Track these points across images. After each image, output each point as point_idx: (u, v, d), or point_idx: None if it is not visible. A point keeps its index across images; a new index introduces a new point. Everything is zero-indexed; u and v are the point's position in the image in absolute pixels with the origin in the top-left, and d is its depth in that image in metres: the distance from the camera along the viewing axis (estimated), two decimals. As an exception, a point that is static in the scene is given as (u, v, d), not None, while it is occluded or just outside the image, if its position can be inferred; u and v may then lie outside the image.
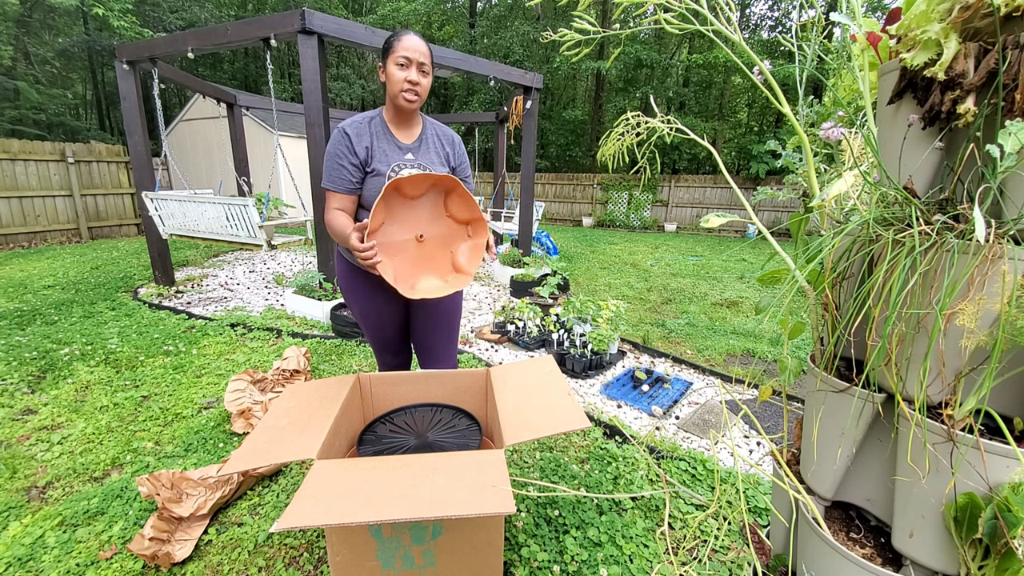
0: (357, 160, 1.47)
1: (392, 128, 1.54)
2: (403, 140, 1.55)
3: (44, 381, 2.68)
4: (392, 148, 1.52)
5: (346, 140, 1.46)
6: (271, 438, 1.23)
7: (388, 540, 1.15)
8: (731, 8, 0.82)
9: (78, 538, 1.56)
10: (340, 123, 1.49)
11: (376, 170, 1.48)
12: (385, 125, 1.53)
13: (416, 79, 1.45)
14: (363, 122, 1.50)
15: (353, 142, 1.46)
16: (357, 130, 1.48)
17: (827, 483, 0.80)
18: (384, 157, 1.49)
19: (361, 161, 1.47)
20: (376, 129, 1.51)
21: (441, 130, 1.64)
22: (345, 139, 1.46)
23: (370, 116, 1.53)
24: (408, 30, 1.48)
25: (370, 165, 1.48)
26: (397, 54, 1.43)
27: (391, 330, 1.75)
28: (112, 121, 19.30)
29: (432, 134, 1.61)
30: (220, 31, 3.72)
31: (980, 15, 0.59)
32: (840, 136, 0.79)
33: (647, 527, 1.65)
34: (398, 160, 1.51)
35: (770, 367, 3.25)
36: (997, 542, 0.57)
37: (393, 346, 1.79)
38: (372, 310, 1.67)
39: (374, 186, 1.49)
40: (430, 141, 1.59)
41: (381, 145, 1.50)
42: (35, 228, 7.27)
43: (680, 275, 6.19)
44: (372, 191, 1.49)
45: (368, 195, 1.50)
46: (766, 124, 16.42)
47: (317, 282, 3.97)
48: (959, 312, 0.59)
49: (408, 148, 1.54)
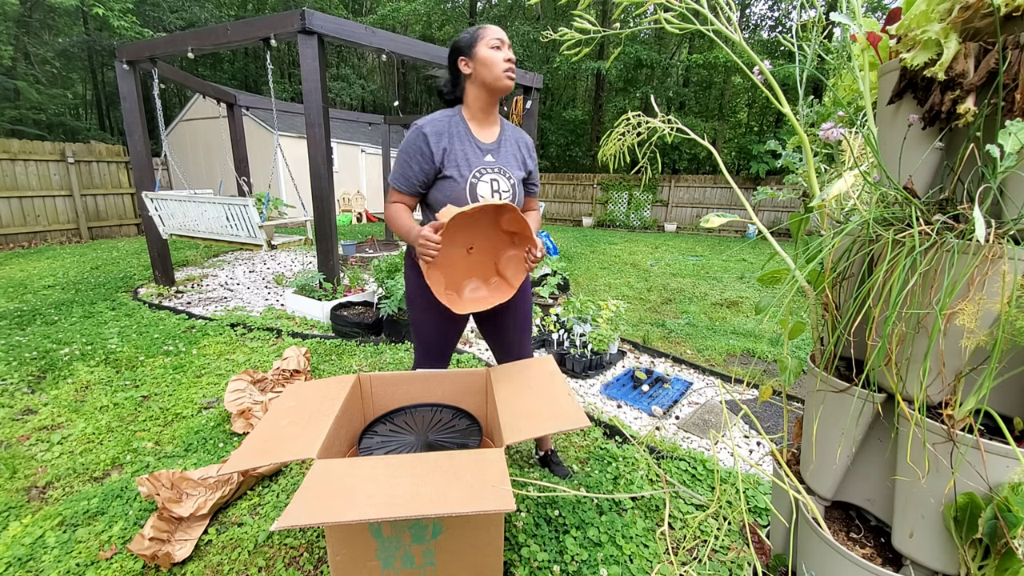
0: (430, 163, 1.41)
1: (473, 127, 1.48)
2: (483, 140, 1.48)
3: (44, 381, 2.68)
4: (472, 149, 1.45)
5: (422, 140, 1.40)
6: (271, 438, 1.23)
7: (388, 539, 1.15)
8: (731, 8, 0.82)
9: (78, 538, 1.56)
10: (417, 121, 1.43)
11: (451, 176, 1.42)
12: (465, 124, 1.47)
13: (512, 57, 1.40)
14: (443, 120, 1.44)
15: (430, 142, 1.40)
16: (436, 129, 1.41)
17: (827, 483, 0.80)
18: (464, 160, 1.43)
19: (434, 164, 1.41)
20: (456, 129, 1.44)
21: (518, 133, 1.59)
22: (422, 139, 1.40)
23: (449, 115, 1.46)
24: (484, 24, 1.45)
25: (445, 169, 1.42)
26: (488, 38, 1.38)
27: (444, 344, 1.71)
28: (112, 121, 19.30)
29: (510, 136, 1.55)
30: (220, 31, 3.72)
31: (980, 15, 0.59)
32: (840, 136, 0.79)
33: (647, 527, 1.65)
34: (478, 164, 1.44)
35: (770, 367, 3.25)
36: (997, 542, 0.57)
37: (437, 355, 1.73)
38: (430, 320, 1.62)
39: (444, 190, 1.43)
40: (509, 143, 1.54)
41: (461, 147, 1.43)
42: (35, 228, 7.27)
43: (680, 275, 6.19)
44: (442, 194, 1.43)
45: (437, 198, 1.44)
46: (766, 124, 16.42)
47: (317, 282, 3.97)
48: (959, 312, 0.59)
49: (488, 149, 1.48)
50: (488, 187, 1.45)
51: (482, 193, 1.43)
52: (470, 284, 1.53)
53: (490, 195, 1.45)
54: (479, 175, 1.44)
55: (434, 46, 4.06)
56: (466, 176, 1.42)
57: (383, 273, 3.63)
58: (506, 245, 1.51)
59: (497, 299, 1.48)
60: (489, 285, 1.54)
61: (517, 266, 1.50)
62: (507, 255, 1.51)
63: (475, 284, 1.53)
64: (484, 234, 1.46)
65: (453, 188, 1.42)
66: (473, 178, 1.43)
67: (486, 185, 1.44)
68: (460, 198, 1.42)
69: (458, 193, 1.42)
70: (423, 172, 1.42)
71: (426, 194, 1.48)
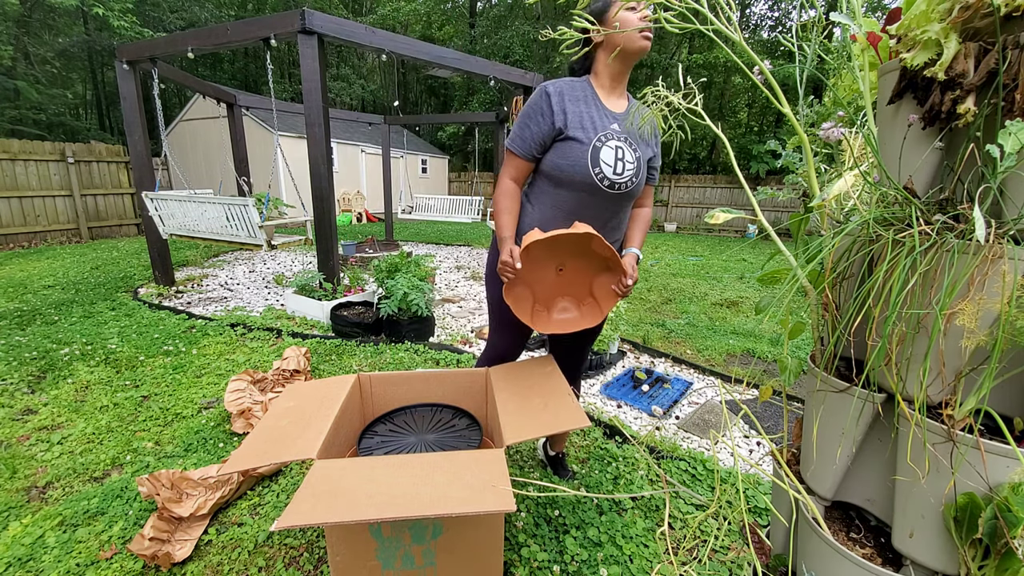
0: (550, 124, 1.32)
1: (601, 94, 1.39)
2: (611, 108, 1.38)
3: (44, 381, 2.68)
4: (599, 113, 1.36)
5: (545, 100, 1.32)
6: (271, 438, 1.23)
7: (388, 540, 1.15)
8: (731, 8, 0.82)
9: (78, 538, 1.56)
10: (543, 83, 1.35)
11: (575, 137, 1.32)
12: (592, 89, 1.38)
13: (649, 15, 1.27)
14: (567, 83, 1.36)
15: (553, 101, 1.32)
16: (560, 88, 1.33)
17: (827, 483, 0.80)
18: (590, 123, 1.33)
19: (554, 126, 1.33)
20: (582, 92, 1.36)
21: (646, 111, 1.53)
22: (545, 99, 1.32)
23: (576, 80, 1.39)
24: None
25: (568, 129, 1.32)
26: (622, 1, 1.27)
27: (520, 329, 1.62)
28: (112, 121, 19.29)
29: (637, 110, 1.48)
30: (220, 31, 3.72)
31: (980, 15, 0.59)
32: (840, 136, 0.79)
33: (647, 527, 1.65)
34: (604, 129, 1.34)
35: (770, 367, 3.25)
36: (997, 542, 0.57)
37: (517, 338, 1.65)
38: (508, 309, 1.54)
39: (564, 153, 1.33)
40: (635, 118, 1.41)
41: (587, 109, 1.35)
42: (35, 228, 7.26)
43: (680, 275, 6.19)
44: (560, 158, 1.34)
45: (554, 161, 1.35)
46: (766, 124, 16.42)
47: (317, 282, 3.97)
48: (959, 312, 0.59)
49: (615, 117, 1.38)
50: (612, 153, 1.34)
51: (605, 159, 1.33)
52: (561, 303, 1.47)
53: (613, 162, 1.34)
54: (604, 139, 1.34)
55: (434, 46, 4.06)
56: (591, 139, 1.32)
57: (383, 273, 3.63)
58: (600, 268, 1.41)
59: (586, 323, 1.42)
60: (581, 307, 1.46)
61: (608, 291, 1.41)
62: (600, 279, 1.43)
63: (566, 304, 1.47)
64: (575, 254, 1.39)
65: (574, 151, 1.33)
66: (598, 141, 1.33)
67: (611, 151, 1.34)
68: (580, 161, 1.32)
69: (577, 156, 1.32)
70: (541, 134, 1.34)
71: (541, 159, 1.39)
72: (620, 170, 1.34)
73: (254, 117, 10.85)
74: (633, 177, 1.37)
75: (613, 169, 1.33)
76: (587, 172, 1.32)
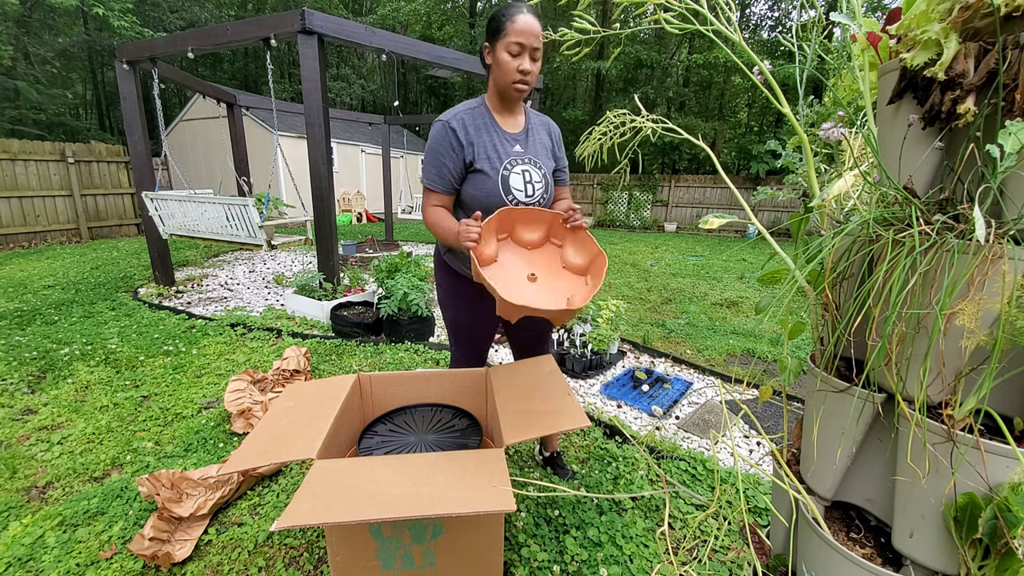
0: (461, 158, 1.37)
1: (498, 117, 1.43)
2: (510, 130, 1.44)
3: (44, 381, 2.68)
4: (500, 139, 1.41)
5: (452, 135, 1.36)
6: (271, 438, 1.23)
7: (388, 540, 1.15)
8: (731, 8, 0.82)
9: (78, 538, 1.56)
10: (441, 116, 1.39)
11: (482, 170, 1.37)
12: (490, 114, 1.42)
13: (528, 68, 1.32)
14: (467, 113, 1.40)
15: (460, 135, 1.36)
16: (461, 120, 1.38)
17: (827, 483, 0.80)
18: (494, 152, 1.39)
19: (467, 158, 1.37)
20: (481, 120, 1.41)
21: (541, 118, 1.54)
22: (451, 134, 1.36)
23: (472, 106, 1.42)
24: (520, 5, 1.29)
25: (477, 162, 1.37)
26: (510, 39, 1.29)
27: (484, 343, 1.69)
28: (112, 121, 19.29)
29: (536, 123, 1.51)
30: (220, 31, 3.72)
31: (980, 15, 0.59)
32: (840, 136, 0.79)
33: (647, 527, 1.65)
34: (508, 156, 1.40)
35: (770, 367, 3.25)
36: (997, 542, 0.57)
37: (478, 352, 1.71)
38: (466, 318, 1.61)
39: (477, 184, 1.39)
40: (535, 131, 1.49)
41: (489, 138, 1.39)
42: (35, 228, 7.27)
43: (680, 275, 6.19)
44: (475, 188, 1.39)
45: (470, 193, 1.40)
46: (766, 124, 16.42)
47: (317, 282, 3.97)
48: (959, 312, 0.59)
49: (516, 139, 1.44)
50: (520, 178, 1.40)
51: (515, 185, 1.39)
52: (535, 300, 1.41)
53: (523, 186, 1.39)
54: (511, 166, 1.39)
55: (434, 46, 4.06)
56: (497, 168, 1.38)
57: (383, 273, 3.63)
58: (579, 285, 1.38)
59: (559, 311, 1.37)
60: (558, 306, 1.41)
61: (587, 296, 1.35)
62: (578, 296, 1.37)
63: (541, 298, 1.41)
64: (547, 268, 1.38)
65: (486, 183, 1.38)
66: (505, 170, 1.38)
67: (519, 176, 1.40)
68: (493, 191, 1.37)
69: (490, 188, 1.37)
70: (456, 168, 1.38)
71: (459, 190, 1.44)
72: (531, 192, 1.43)
73: (254, 117, 10.85)
74: (543, 194, 1.46)
75: (524, 192, 1.42)
76: (501, 200, 1.39)
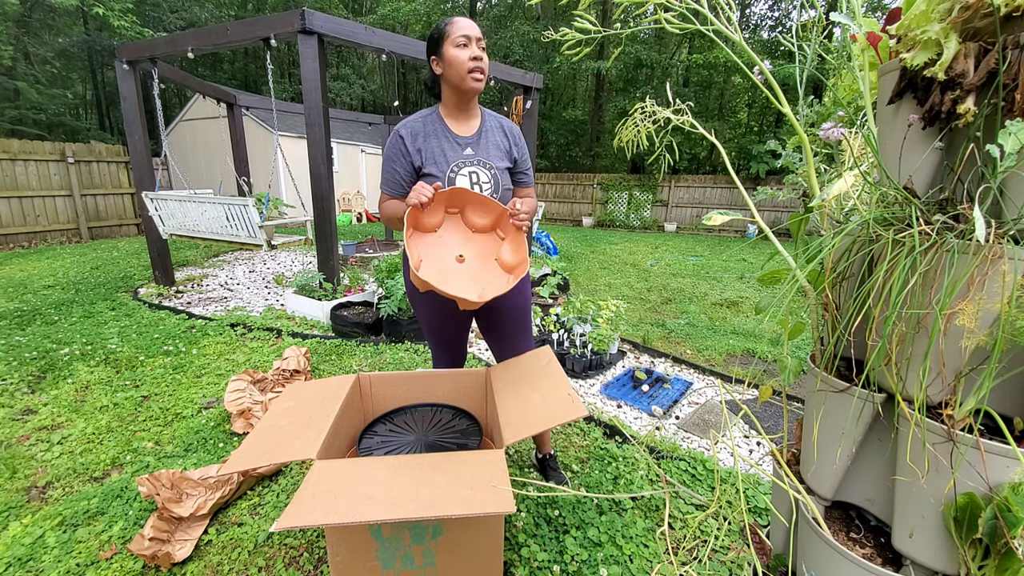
0: (409, 163, 1.44)
1: (450, 123, 1.49)
2: (461, 134, 1.49)
3: (44, 381, 2.68)
4: (450, 144, 1.47)
5: (400, 142, 1.44)
6: (271, 438, 1.23)
7: (388, 540, 1.15)
8: (731, 8, 0.82)
9: (78, 538, 1.56)
10: (396, 125, 1.47)
11: (430, 172, 1.44)
12: (442, 120, 1.48)
13: (479, 54, 1.38)
14: (418, 121, 1.47)
15: (407, 142, 1.44)
16: (412, 130, 1.45)
17: (827, 483, 0.80)
18: (441, 156, 1.45)
19: (415, 163, 1.44)
20: (432, 127, 1.47)
21: (501, 120, 1.59)
22: (400, 141, 1.44)
23: (425, 114, 1.49)
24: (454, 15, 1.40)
25: (425, 166, 1.44)
26: (454, 36, 1.37)
27: (453, 336, 1.73)
28: (112, 121, 19.29)
29: (492, 125, 1.56)
30: (220, 31, 3.72)
31: (980, 15, 0.59)
32: (840, 136, 0.79)
33: (647, 527, 1.65)
34: (456, 158, 1.46)
35: (770, 367, 3.25)
36: (997, 542, 0.57)
37: (454, 350, 1.76)
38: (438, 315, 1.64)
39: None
40: (489, 133, 1.54)
41: (437, 143, 1.46)
42: (35, 228, 7.26)
43: (680, 275, 6.19)
44: None
45: None
46: (766, 124, 16.41)
47: (317, 282, 3.97)
48: (959, 312, 0.59)
49: (466, 143, 1.49)
50: (467, 180, 1.46)
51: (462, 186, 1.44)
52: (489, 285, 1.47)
53: (469, 187, 1.45)
54: (457, 169, 1.45)
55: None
56: (444, 171, 1.44)
57: (383, 273, 3.64)
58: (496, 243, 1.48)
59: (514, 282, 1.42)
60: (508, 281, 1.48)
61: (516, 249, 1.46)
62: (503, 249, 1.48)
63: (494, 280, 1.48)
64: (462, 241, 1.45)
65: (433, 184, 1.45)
66: (451, 172, 1.45)
67: (464, 179, 1.46)
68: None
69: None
70: (406, 173, 1.46)
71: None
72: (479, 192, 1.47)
73: (254, 117, 10.84)
74: (492, 193, 1.49)
75: None
76: None
